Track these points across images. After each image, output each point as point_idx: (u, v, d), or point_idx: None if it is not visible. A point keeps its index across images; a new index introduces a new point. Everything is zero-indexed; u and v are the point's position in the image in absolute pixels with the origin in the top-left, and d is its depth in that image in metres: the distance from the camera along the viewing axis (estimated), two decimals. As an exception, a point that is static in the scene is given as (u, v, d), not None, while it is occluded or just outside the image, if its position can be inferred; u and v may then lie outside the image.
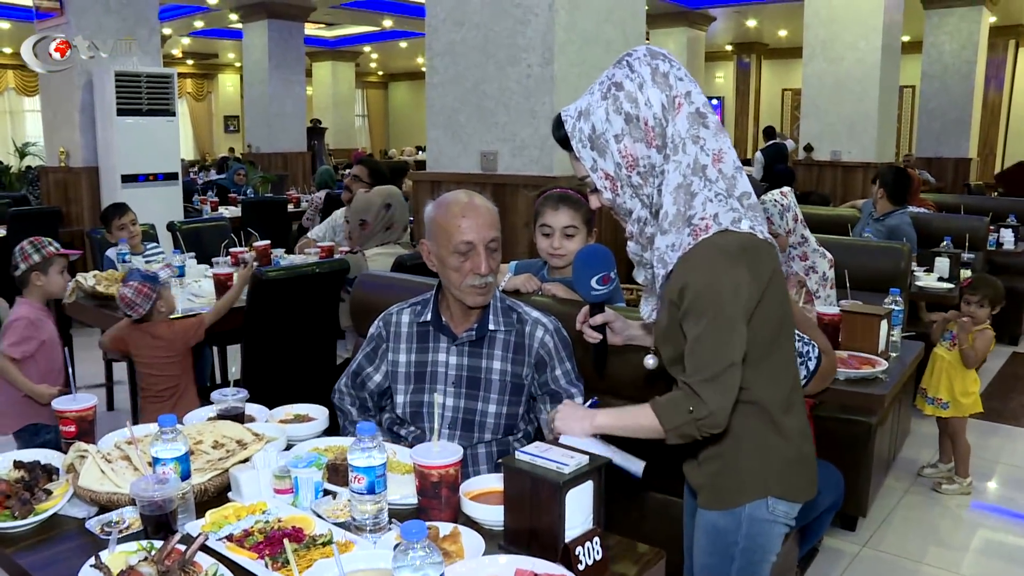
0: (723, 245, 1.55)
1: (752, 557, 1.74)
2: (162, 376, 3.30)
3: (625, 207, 1.64)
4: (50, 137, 7.66)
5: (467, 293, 2.09)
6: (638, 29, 4.42)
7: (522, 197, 4.02)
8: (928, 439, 4.39)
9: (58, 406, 1.97)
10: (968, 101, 11.85)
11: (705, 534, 1.76)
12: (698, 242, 1.55)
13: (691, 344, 1.56)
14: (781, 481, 1.71)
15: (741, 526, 1.71)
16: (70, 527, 1.67)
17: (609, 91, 1.58)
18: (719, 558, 1.74)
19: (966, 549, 3.50)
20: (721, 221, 1.55)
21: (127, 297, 3.17)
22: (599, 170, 1.61)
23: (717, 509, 1.72)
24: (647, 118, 1.56)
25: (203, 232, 5.42)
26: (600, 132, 1.58)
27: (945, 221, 5.92)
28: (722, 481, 1.71)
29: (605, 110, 1.58)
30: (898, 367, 2.97)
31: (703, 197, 1.57)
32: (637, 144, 1.57)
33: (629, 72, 1.58)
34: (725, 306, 1.53)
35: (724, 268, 1.54)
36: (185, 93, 20.62)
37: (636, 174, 1.59)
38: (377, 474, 1.55)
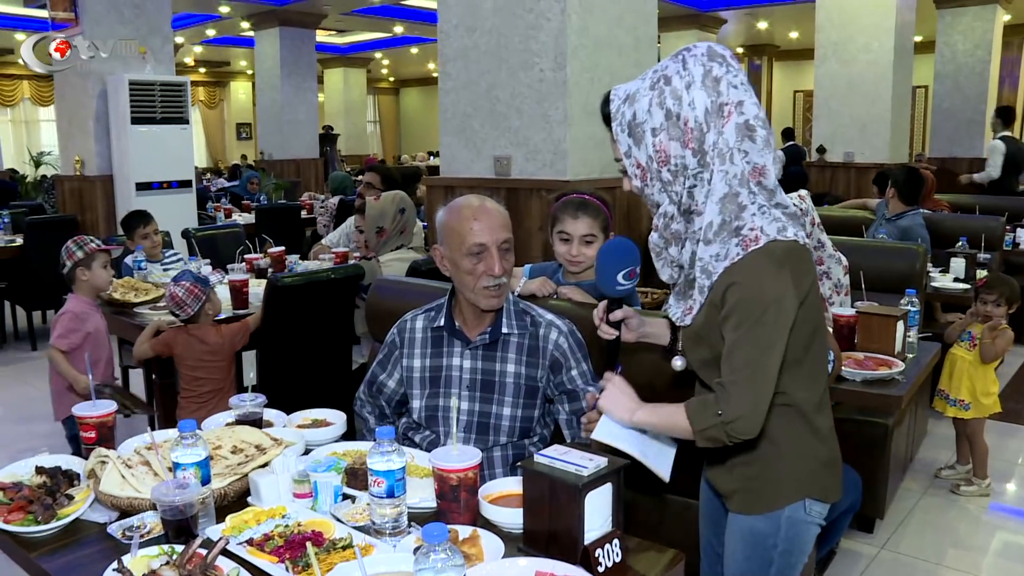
0: (771, 257, 1.53)
1: (790, 559, 1.73)
2: (207, 379, 3.35)
3: (653, 199, 1.64)
4: (65, 146, 7.72)
5: (481, 295, 2.09)
6: (650, 33, 4.42)
7: (536, 201, 4.03)
8: (945, 440, 4.37)
9: (78, 412, 1.98)
10: (982, 101, 11.78)
11: (742, 539, 1.74)
12: (748, 253, 1.54)
13: (729, 348, 1.55)
14: (817, 482, 1.71)
15: (780, 529, 1.70)
16: (92, 532, 1.68)
17: (658, 83, 1.57)
18: (758, 562, 1.73)
19: (985, 551, 3.47)
20: (768, 232, 1.54)
21: (178, 296, 3.23)
22: (632, 157, 1.61)
23: (756, 513, 1.71)
24: (688, 119, 1.55)
25: (218, 239, 5.45)
26: (640, 121, 1.58)
27: (960, 221, 5.88)
28: (760, 485, 1.70)
29: (649, 100, 1.57)
30: (915, 368, 2.96)
31: (751, 209, 1.56)
32: (673, 142, 1.56)
33: (681, 68, 1.56)
34: (767, 318, 1.52)
35: (771, 281, 1.53)
36: (197, 101, 20.73)
37: (667, 170, 1.59)
38: (397, 478, 1.55)
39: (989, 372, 3.88)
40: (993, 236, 5.60)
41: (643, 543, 1.61)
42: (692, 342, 1.70)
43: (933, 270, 4.94)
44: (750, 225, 1.55)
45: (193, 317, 3.29)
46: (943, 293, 4.77)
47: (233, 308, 3.80)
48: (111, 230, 7.14)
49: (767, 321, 1.52)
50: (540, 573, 1.41)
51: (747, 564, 1.74)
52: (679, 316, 1.70)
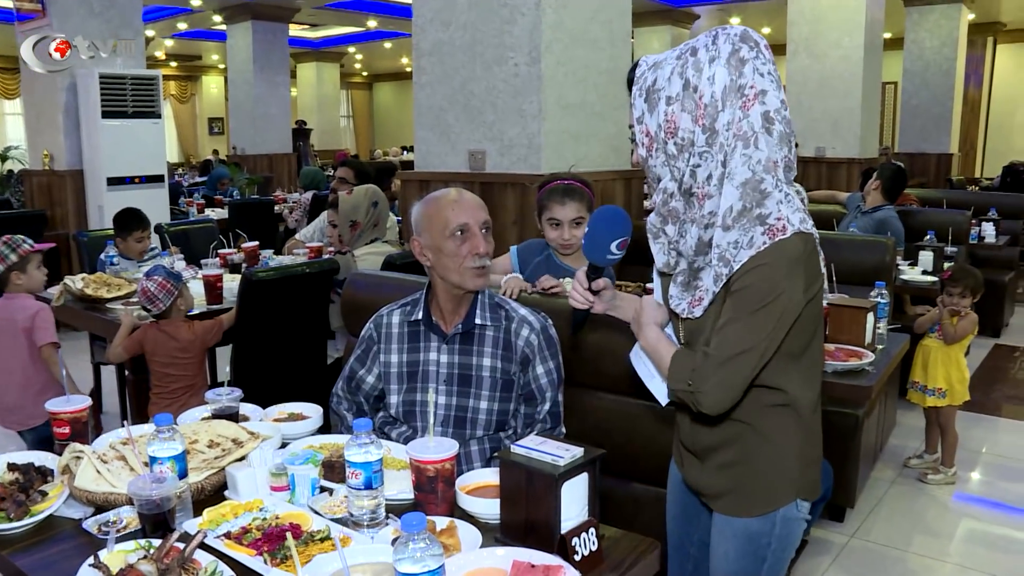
0: (796, 249, 1.50)
1: (782, 555, 1.74)
2: (179, 376, 3.33)
3: (655, 171, 1.61)
4: (33, 140, 7.61)
5: (468, 275, 2.09)
6: (624, 27, 4.44)
7: (511, 195, 4.04)
8: (914, 430, 4.44)
9: (52, 407, 1.97)
10: (949, 97, 11.95)
11: (735, 540, 1.73)
12: (775, 242, 1.48)
13: (725, 323, 1.52)
14: (807, 481, 1.71)
15: (775, 528, 1.70)
16: (66, 528, 1.67)
17: (684, 53, 1.55)
18: (751, 561, 1.73)
19: (951, 538, 3.54)
20: (793, 222, 1.50)
21: (150, 291, 3.20)
22: (643, 124, 1.59)
23: (751, 515, 1.70)
24: (704, 93, 1.51)
25: (191, 234, 5.41)
26: (658, 87, 1.55)
27: (928, 215, 5.98)
28: (754, 487, 1.69)
29: (672, 69, 1.55)
30: (884, 359, 3.00)
31: (777, 197, 1.51)
32: (684, 114, 1.53)
33: (710, 43, 1.53)
34: (773, 309, 1.49)
35: (789, 274, 1.49)
36: (169, 95, 20.50)
37: (673, 143, 1.55)
38: (374, 469, 1.56)
39: (960, 358, 3.97)
40: (960, 230, 5.70)
41: (619, 532, 1.62)
42: (696, 337, 1.63)
43: (902, 263, 5.01)
44: (776, 214, 1.50)
45: (165, 312, 3.27)
46: (912, 285, 4.85)
47: (207, 303, 3.78)
48: (81, 225, 7.06)
49: (772, 312, 1.50)
50: (517, 563, 1.42)
51: (740, 563, 1.74)
52: (685, 308, 1.63)
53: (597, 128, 4.26)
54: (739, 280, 1.51)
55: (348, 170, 5.14)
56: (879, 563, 3.31)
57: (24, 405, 3.37)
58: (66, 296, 3.88)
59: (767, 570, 1.74)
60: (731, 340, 1.51)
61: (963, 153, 14.17)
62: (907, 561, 3.33)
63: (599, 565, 1.50)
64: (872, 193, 5.32)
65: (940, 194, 7.33)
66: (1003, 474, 4.18)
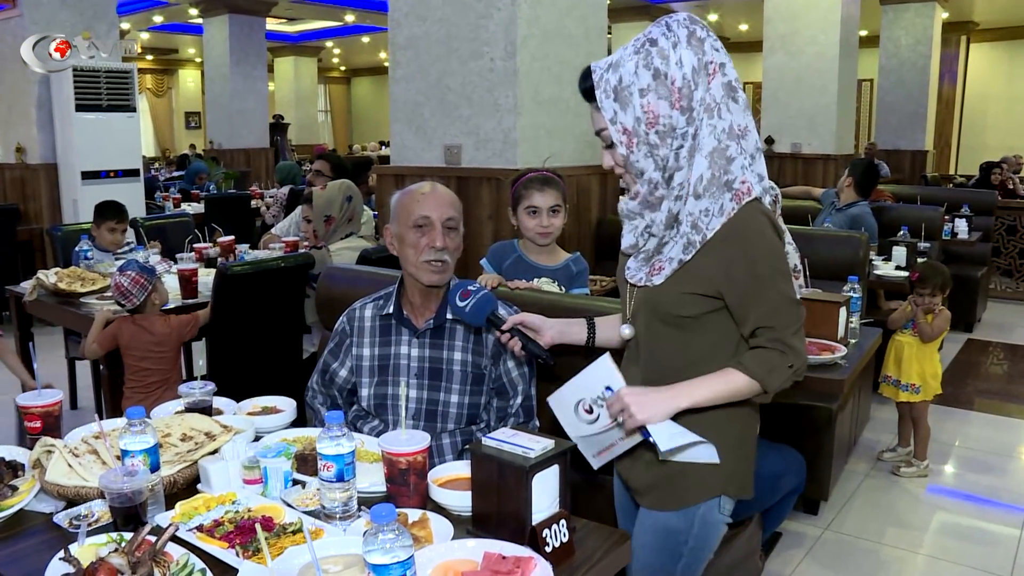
0: (767, 212, 1.60)
1: (699, 555, 1.77)
2: (154, 370, 3.31)
3: (638, 166, 1.62)
4: (5, 133, 7.52)
5: (423, 270, 2.11)
6: (600, 23, 4.45)
7: (486, 189, 4.04)
8: (887, 424, 4.49)
9: (23, 402, 1.95)
10: (924, 94, 12.06)
11: (653, 533, 1.76)
12: (743, 205, 1.57)
13: (769, 310, 1.60)
14: (735, 478, 1.73)
15: (693, 526, 1.73)
16: (37, 522, 1.66)
17: (643, 46, 1.57)
18: (667, 556, 1.76)
19: (924, 529, 3.59)
20: (755, 190, 1.59)
21: (123, 286, 3.17)
22: (618, 123, 1.59)
23: (669, 509, 1.73)
24: (675, 78, 1.55)
25: (167, 228, 5.37)
26: (626, 84, 1.57)
27: (902, 211, 6.04)
28: (677, 481, 1.71)
29: (636, 63, 1.56)
30: (857, 353, 3.03)
31: (740, 163, 1.58)
32: (661, 101, 1.55)
33: (666, 31, 1.57)
34: (784, 266, 1.62)
35: (773, 235, 1.60)
36: (145, 89, 20.30)
37: (655, 132, 1.57)
38: (346, 462, 1.56)
39: (934, 354, 4.02)
40: (933, 226, 5.76)
41: (590, 524, 1.63)
42: (649, 308, 1.68)
43: (876, 258, 5.07)
44: (740, 178, 1.58)
45: (139, 307, 3.25)
46: (885, 281, 4.90)
47: (182, 297, 3.75)
48: (55, 219, 6.99)
49: (786, 272, 1.62)
50: (488, 554, 1.43)
51: (655, 557, 1.77)
52: (643, 278, 1.68)
53: (572, 124, 4.27)
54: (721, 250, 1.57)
55: (324, 163, 5.11)
56: (852, 555, 3.35)
57: None
58: (40, 290, 3.84)
59: (682, 568, 1.76)
60: (788, 311, 1.61)
61: (938, 150, 14.32)
62: (880, 553, 3.37)
63: (570, 556, 1.51)
64: (845, 190, 5.38)
65: (914, 190, 7.41)
66: (975, 467, 4.24)
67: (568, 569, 1.49)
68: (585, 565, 1.51)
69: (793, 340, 1.61)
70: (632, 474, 1.80)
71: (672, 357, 1.70)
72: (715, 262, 1.59)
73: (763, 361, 1.61)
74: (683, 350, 1.69)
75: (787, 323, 1.61)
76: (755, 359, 1.62)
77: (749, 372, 1.61)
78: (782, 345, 1.60)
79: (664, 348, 1.70)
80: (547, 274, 2.78)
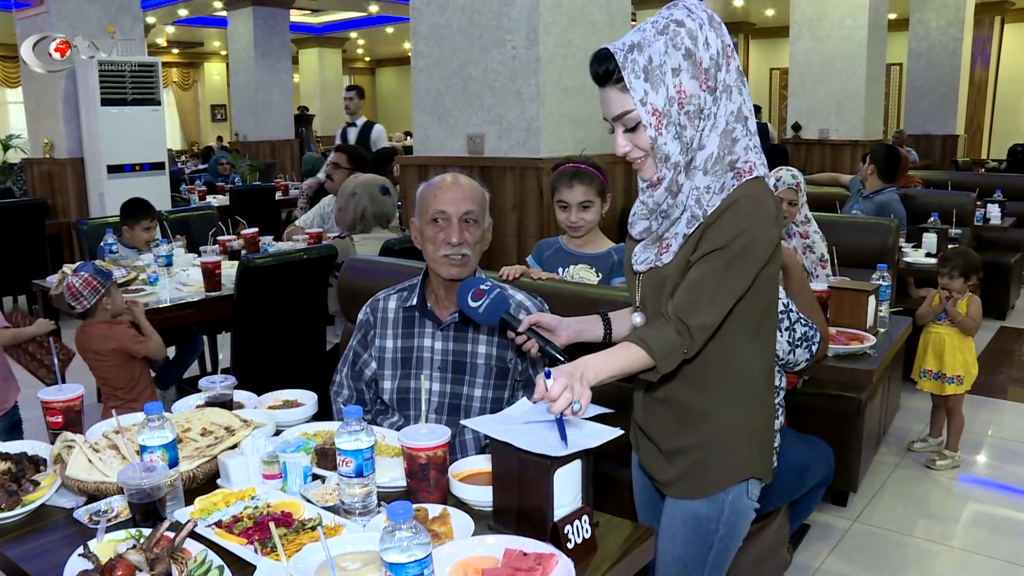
0: (764, 188, 1.57)
1: (729, 543, 1.74)
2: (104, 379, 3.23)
3: (664, 149, 1.56)
4: (34, 128, 7.60)
5: (440, 264, 2.10)
6: (624, 9, 4.40)
7: (510, 179, 4.01)
8: (918, 414, 4.42)
9: (45, 396, 1.96)
10: (955, 78, 11.86)
11: (683, 524, 1.73)
12: (743, 182, 1.56)
13: (698, 279, 1.54)
14: (758, 460, 1.71)
15: (723, 512, 1.70)
16: (58, 517, 1.66)
17: (667, 27, 1.54)
18: (698, 546, 1.73)
19: (955, 521, 3.52)
20: (758, 170, 1.57)
21: (74, 287, 3.06)
22: (648, 104, 1.54)
23: (698, 497, 1.71)
24: (703, 58, 1.53)
25: (191, 221, 5.39)
26: (658, 64, 1.53)
27: (932, 197, 5.93)
28: (703, 467, 1.69)
29: (664, 43, 1.53)
30: (886, 342, 2.98)
31: (743, 143, 1.58)
32: (692, 81, 1.53)
33: (689, 12, 1.55)
34: (749, 258, 1.54)
35: (766, 219, 1.55)
36: (171, 82, 20.46)
37: (684, 113, 1.55)
38: (365, 457, 1.54)
39: (971, 344, 3.95)
40: (964, 212, 5.65)
41: (613, 519, 1.61)
42: (657, 291, 1.63)
43: (906, 245, 4.98)
44: (744, 158, 1.57)
45: (89, 311, 3.12)
46: (915, 268, 4.81)
47: (206, 290, 3.77)
48: (82, 213, 7.06)
49: (747, 265, 1.54)
50: (509, 550, 1.40)
51: (686, 548, 1.74)
52: (651, 259, 1.64)
53: (596, 111, 4.17)
54: (711, 226, 1.55)
55: (341, 155, 5.05)
56: (882, 548, 3.29)
57: None
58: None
59: (713, 556, 1.73)
60: (709, 297, 1.54)
61: (969, 134, 14.08)
62: (910, 546, 3.31)
63: (592, 553, 1.49)
64: (869, 178, 5.28)
65: (945, 176, 7.28)
66: (1008, 457, 4.15)
67: (590, 566, 1.46)
68: (607, 561, 1.48)
69: (697, 331, 1.54)
70: (657, 466, 1.77)
71: None
72: (702, 235, 1.56)
73: (665, 343, 1.55)
74: None
75: (699, 308, 1.54)
76: (658, 339, 1.55)
77: (651, 353, 1.55)
78: (683, 327, 1.54)
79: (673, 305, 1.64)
80: (584, 261, 2.76)
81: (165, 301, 3.67)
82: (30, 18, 7.00)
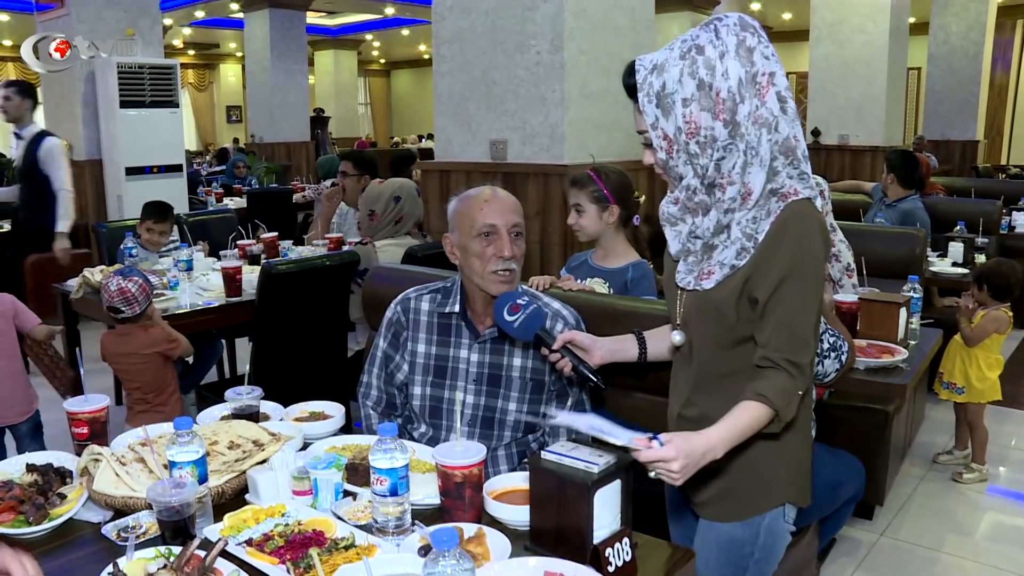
0: (806, 208, 1.55)
1: (765, 567, 1.72)
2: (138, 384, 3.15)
3: (676, 171, 1.58)
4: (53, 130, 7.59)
5: (490, 280, 2.03)
6: (647, 14, 4.36)
7: (533, 186, 3.98)
8: (943, 425, 4.36)
9: (70, 407, 1.93)
10: (975, 83, 11.76)
11: (717, 546, 1.70)
12: (788, 204, 1.54)
13: (787, 316, 1.53)
14: (795, 485, 1.68)
15: (759, 536, 1.67)
16: (85, 532, 1.63)
17: (689, 52, 1.52)
18: (732, 570, 1.70)
19: (984, 536, 3.47)
20: (802, 192, 1.55)
21: (130, 292, 2.99)
22: (659, 128, 1.55)
23: (733, 520, 1.67)
24: (720, 89, 1.50)
25: (210, 224, 5.38)
26: (669, 92, 1.52)
27: (956, 205, 5.86)
28: (740, 491, 1.65)
29: (680, 70, 1.51)
30: (918, 356, 2.93)
31: (785, 174, 1.56)
32: (703, 113, 1.51)
33: (714, 38, 1.51)
34: (814, 276, 1.54)
35: (816, 236, 1.54)
36: (187, 83, 20.53)
37: (695, 143, 1.53)
38: (400, 476, 1.51)
39: (985, 356, 3.87)
40: (991, 220, 5.58)
41: (652, 540, 1.57)
42: (702, 314, 1.62)
43: (931, 255, 4.92)
44: (787, 185, 1.55)
45: (136, 316, 3.06)
46: (941, 278, 4.75)
47: (226, 295, 3.73)
48: (101, 214, 7.06)
49: (817, 286, 1.54)
50: (550, 573, 1.37)
51: (720, 571, 1.71)
52: (692, 281, 1.63)
53: (620, 117, 4.18)
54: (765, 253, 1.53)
55: (347, 163, 4.96)
56: (910, 563, 3.24)
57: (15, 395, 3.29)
58: (85, 288, 3.85)
59: None
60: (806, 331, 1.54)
61: (989, 140, 13.96)
62: (938, 561, 3.25)
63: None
64: (891, 187, 5.19)
65: (968, 182, 7.20)
66: (1035, 470, 4.09)
67: (632, 590, 1.43)
68: (649, 586, 1.45)
69: (807, 368, 1.55)
70: (690, 486, 1.72)
71: (721, 363, 1.65)
72: (756, 263, 1.55)
73: (781, 392, 1.53)
74: (732, 357, 1.63)
75: (803, 339, 1.54)
76: (773, 389, 1.53)
77: (771, 405, 1.53)
78: (795, 368, 1.53)
79: (714, 354, 1.65)
80: (600, 275, 2.72)
81: (185, 306, 3.65)
82: (51, 20, 7.01)
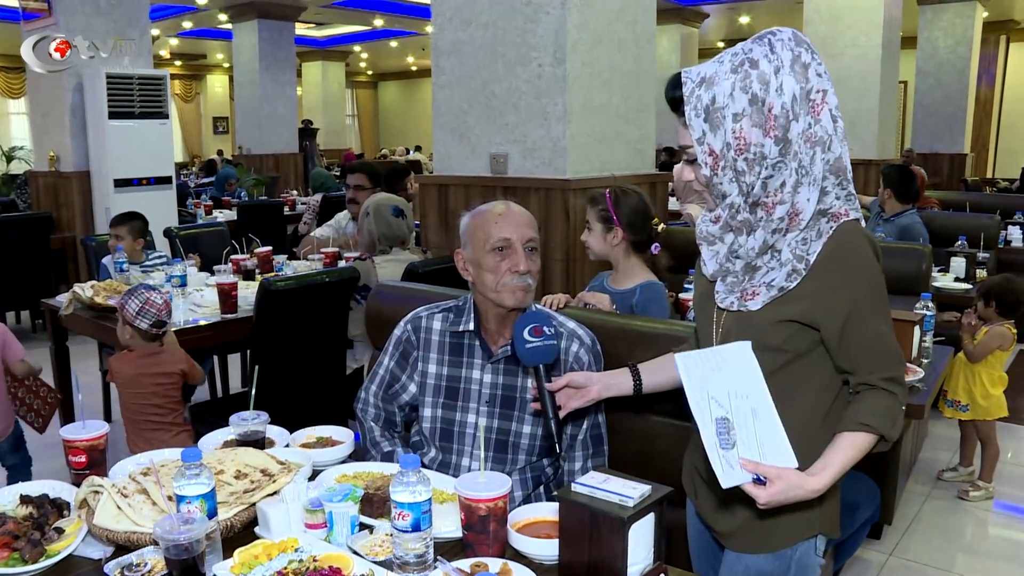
0: (867, 235, 1.52)
1: None
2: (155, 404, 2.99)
3: (720, 188, 1.51)
4: (39, 141, 7.49)
5: (505, 291, 1.96)
6: (649, 27, 4.31)
7: (534, 200, 3.91)
8: (945, 441, 4.32)
9: (67, 435, 1.84)
10: (962, 96, 11.83)
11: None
12: (840, 225, 1.49)
13: (874, 337, 1.50)
14: (828, 516, 1.61)
15: (789, 570, 1.60)
16: (86, 570, 1.54)
17: (742, 65, 1.45)
18: None
19: (994, 555, 3.43)
20: (851, 214, 1.52)
21: (156, 304, 2.86)
22: (705, 144, 1.48)
23: (762, 552, 1.60)
24: (773, 105, 1.43)
25: (201, 238, 5.27)
26: (720, 106, 1.45)
27: (955, 219, 5.84)
28: (770, 522, 1.57)
29: (732, 84, 1.45)
30: (932, 374, 2.88)
31: (834, 195, 1.51)
32: (755, 129, 1.44)
33: (769, 52, 1.45)
34: (884, 292, 1.52)
35: (872, 259, 1.51)
36: (173, 94, 20.39)
37: (743, 159, 1.46)
38: (423, 510, 1.43)
39: (988, 373, 3.83)
40: (991, 234, 5.56)
41: (684, 574, 1.49)
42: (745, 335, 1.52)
43: (933, 270, 4.87)
44: (835, 206, 1.51)
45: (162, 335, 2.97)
46: (944, 293, 4.71)
47: (221, 312, 3.63)
48: (88, 227, 6.95)
49: (883, 297, 1.52)
50: (583, 615, 1.30)
51: None
52: (734, 302, 1.56)
53: (621, 131, 4.13)
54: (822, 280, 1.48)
55: (361, 176, 4.87)
56: (921, 584, 3.19)
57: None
58: (75, 304, 3.75)
59: None
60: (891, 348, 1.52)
61: (975, 153, 14.04)
62: (950, 582, 3.21)
63: (669, 615, 1.38)
64: (888, 202, 5.16)
65: (962, 196, 7.20)
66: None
67: (668, 631, 1.35)
68: (685, 624, 1.37)
69: (901, 374, 1.52)
70: (716, 515, 1.66)
71: None
72: (813, 289, 1.48)
73: (885, 414, 1.49)
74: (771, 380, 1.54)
75: (891, 362, 1.51)
76: (876, 413, 1.48)
77: (876, 431, 1.48)
78: (895, 386, 1.50)
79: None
80: (610, 295, 2.67)
81: (179, 324, 3.54)
82: (38, 30, 6.91)
